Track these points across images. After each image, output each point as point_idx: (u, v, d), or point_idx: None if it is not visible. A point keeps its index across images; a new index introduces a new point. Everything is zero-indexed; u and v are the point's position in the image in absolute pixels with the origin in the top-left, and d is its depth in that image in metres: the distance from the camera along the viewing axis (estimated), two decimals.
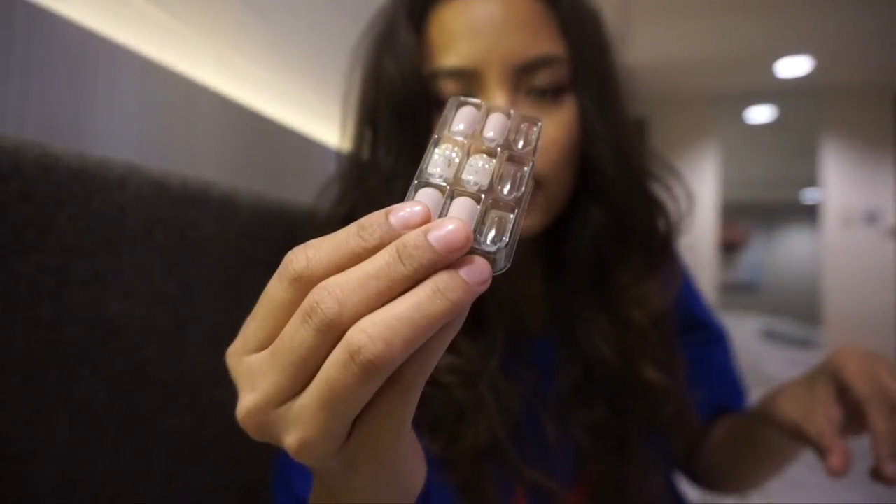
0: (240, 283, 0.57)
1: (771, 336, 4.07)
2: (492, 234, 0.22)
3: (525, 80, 0.48)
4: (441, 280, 0.19)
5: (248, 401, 0.21)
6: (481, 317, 0.49)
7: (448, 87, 0.48)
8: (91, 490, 0.41)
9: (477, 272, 0.20)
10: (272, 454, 0.59)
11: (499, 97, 0.47)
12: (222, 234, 0.54)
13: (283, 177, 0.83)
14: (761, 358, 2.50)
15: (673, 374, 0.53)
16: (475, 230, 0.21)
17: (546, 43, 0.48)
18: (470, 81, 0.47)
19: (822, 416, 0.43)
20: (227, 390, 0.54)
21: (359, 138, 0.54)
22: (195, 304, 0.51)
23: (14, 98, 0.46)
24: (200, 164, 0.68)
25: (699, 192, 3.99)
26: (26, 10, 0.47)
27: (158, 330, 0.47)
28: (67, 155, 0.40)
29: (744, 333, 3.30)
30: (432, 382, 0.45)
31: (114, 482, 0.43)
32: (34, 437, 0.37)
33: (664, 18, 3.24)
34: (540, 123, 0.27)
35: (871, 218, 3.70)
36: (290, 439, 0.21)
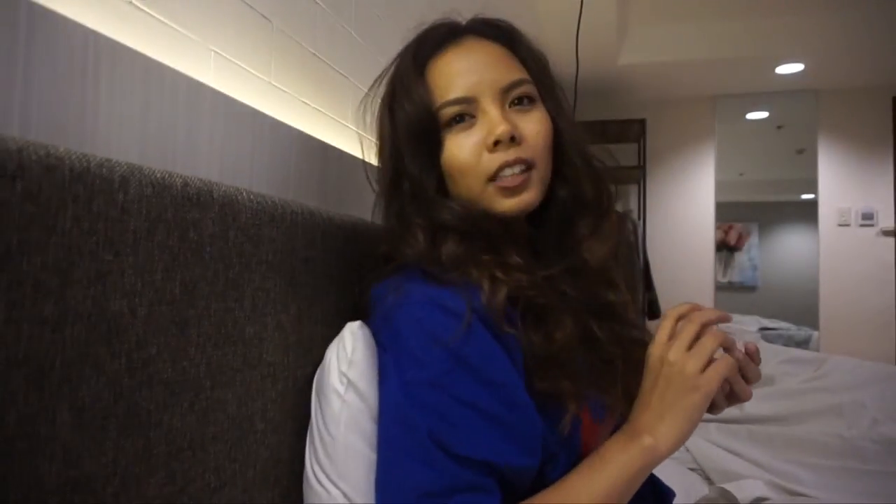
0: (240, 283, 0.57)
1: (769, 337, 4.07)
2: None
3: (507, 97, 0.66)
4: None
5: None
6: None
7: (452, 112, 0.65)
8: (93, 488, 0.41)
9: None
10: (271, 454, 0.59)
11: (492, 111, 0.64)
12: (223, 235, 0.55)
13: (283, 176, 0.83)
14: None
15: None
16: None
17: (516, 71, 0.67)
18: (469, 105, 0.65)
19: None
20: (228, 390, 0.54)
21: (391, 168, 0.69)
22: (196, 303, 0.51)
23: (18, 100, 0.46)
24: (202, 164, 0.68)
25: (698, 193, 3.99)
26: (29, 11, 0.48)
27: (160, 329, 0.47)
28: (71, 156, 0.40)
29: (742, 334, 3.30)
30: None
31: (116, 481, 0.43)
32: (37, 436, 0.38)
33: (664, 21, 3.24)
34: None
35: (868, 219, 3.70)
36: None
